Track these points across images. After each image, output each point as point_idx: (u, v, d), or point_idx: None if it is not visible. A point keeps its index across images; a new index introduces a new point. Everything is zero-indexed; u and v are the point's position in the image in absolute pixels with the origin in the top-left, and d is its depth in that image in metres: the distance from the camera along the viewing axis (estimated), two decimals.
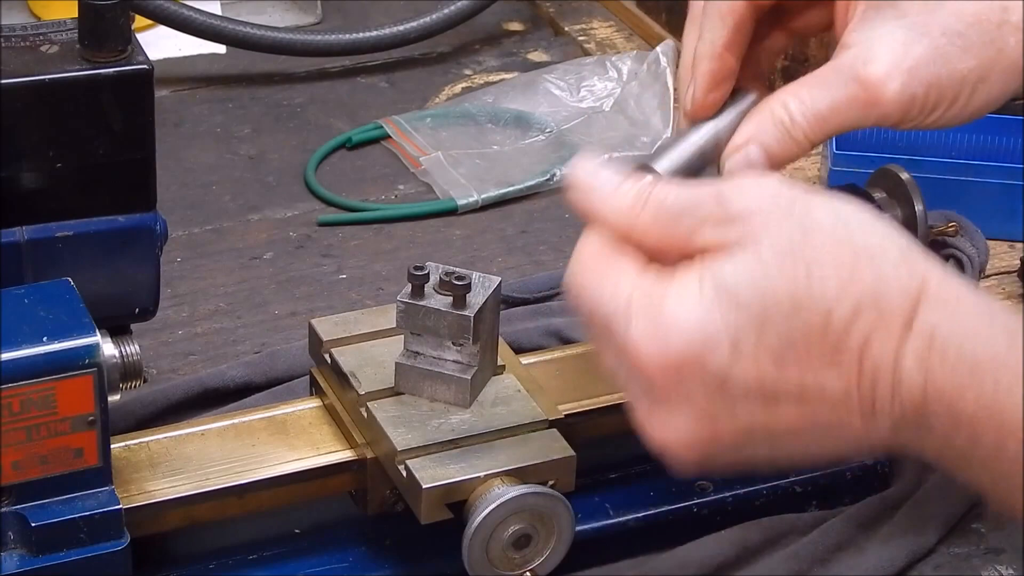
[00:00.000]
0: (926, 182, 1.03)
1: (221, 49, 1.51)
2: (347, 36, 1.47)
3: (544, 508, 0.88)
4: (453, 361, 0.93)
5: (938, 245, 1.17)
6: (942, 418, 0.71)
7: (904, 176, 1.00)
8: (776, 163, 0.85)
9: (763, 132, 0.84)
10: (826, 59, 1.40)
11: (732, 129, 0.86)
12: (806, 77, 0.85)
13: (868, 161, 1.21)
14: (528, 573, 0.89)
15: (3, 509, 0.84)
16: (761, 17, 0.89)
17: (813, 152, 1.39)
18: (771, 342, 0.71)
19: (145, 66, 0.90)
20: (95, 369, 0.83)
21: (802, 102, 0.84)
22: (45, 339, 0.82)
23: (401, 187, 1.34)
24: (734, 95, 0.88)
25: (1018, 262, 1.24)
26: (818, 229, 0.72)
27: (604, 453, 0.99)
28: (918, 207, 0.99)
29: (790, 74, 1.41)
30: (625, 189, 0.75)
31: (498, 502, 0.86)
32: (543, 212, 1.32)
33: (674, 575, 0.94)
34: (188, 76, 1.48)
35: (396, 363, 0.93)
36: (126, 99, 0.90)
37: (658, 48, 1.44)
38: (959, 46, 0.83)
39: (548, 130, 1.40)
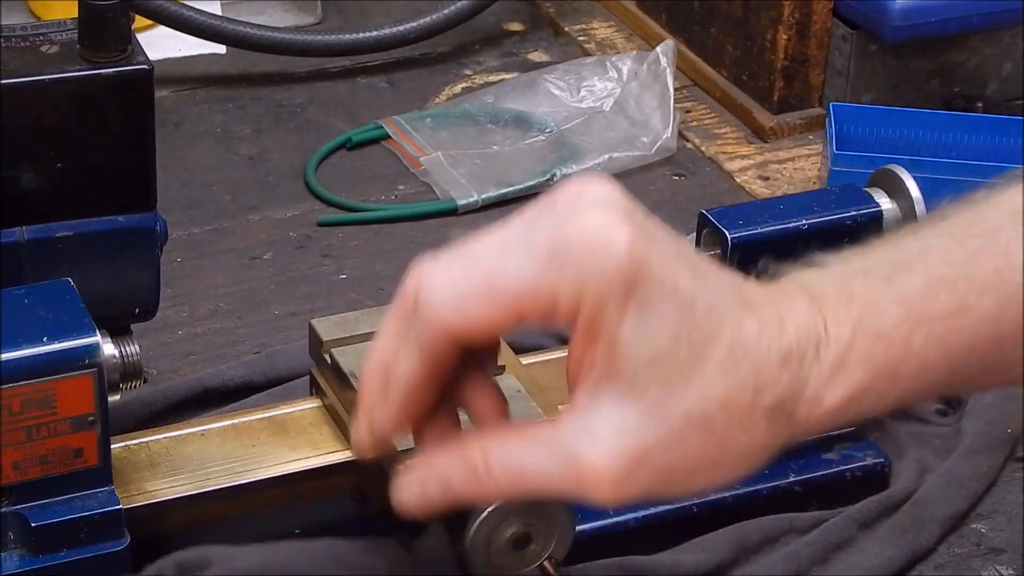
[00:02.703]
0: (926, 182, 1.03)
1: (221, 49, 1.51)
2: (347, 36, 1.47)
3: (544, 508, 0.88)
4: None
5: None
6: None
7: (904, 176, 1.00)
8: (456, 502, 0.78)
9: (452, 470, 0.77)
10: (827, 59, 1.41)
11: None
12: (524, 428, 0.77)
13: (868, 161, 1.21)
14: (545, 563, 0.89)
15: (3, 509, 0.84)
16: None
17: (813, 152, 1.40)
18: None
19: (145, 66, 0.90)
20: (95, 369, 0.83)
21: (505, 455, 0.76)
22: (45, 339, 0.82)
23: (401, 187, 1.34)
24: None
25: None
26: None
27: None
28: (918, 207, 0.99)
29: (790, 74, 1.42)
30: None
31: (498, 503, 0.86)
32: None
33: (671, 574, 0.94)
34: (188, 76, 1.48)
35: None
36: (126, 99, 0.90)
37: (658, 48, 1.44)
38: (703, 431, 0.74)
39: (548, 130, 1.40)
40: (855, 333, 0.75)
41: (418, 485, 0.78)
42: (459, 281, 0.74)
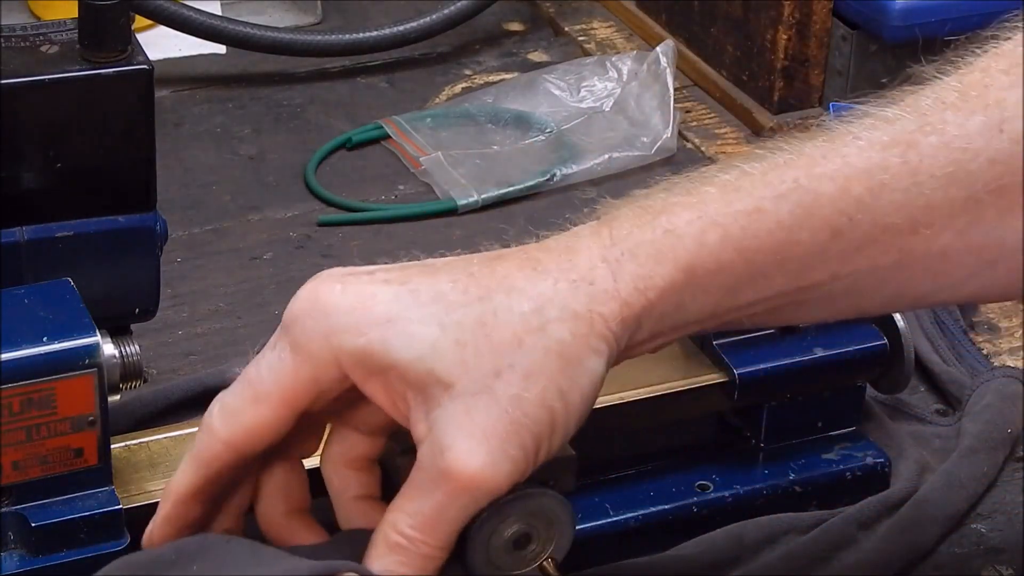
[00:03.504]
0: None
1: (221, 49, 1.51)
2: (347, 36, 1.47)
3: (544, 508, 0.88)
4: None
5: None
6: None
7: None
8: None
9: (387, 562, 0.77)
10: (827, 59, 1.41)
11: None
12: (404, 487, 0.78)
13: None
14: (546, 563, 0.89)
15: (3, 509, 0.84)
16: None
17: None
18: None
19: (145, 66, 0.90)
20: (95, 369, 0.83)
21: (409, 516, 0.77)
22: (45, 339, 0.82)
23: (401, 187, 1.34)
24: None
25: None
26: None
27: (604, 453, 0.99)
28: None
29: (790, 74, 1.42)
30: None
31: (498, 503, 0.86)
32: (543, 212, 1.32)
33: (669, 573, 0.94)
34: (188, 76, 1.48)
35: None
36: (126, 99, 0.90)
37: (658, 48, 1.44)
38: (518, 376, 0.76)
39: (548, 130, 1.40)
40: (643, 231, 0.77)
41: None
42: (228, 394, 0.79)
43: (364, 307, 0.77)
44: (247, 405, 0.78)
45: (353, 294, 0.77)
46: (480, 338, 0.76)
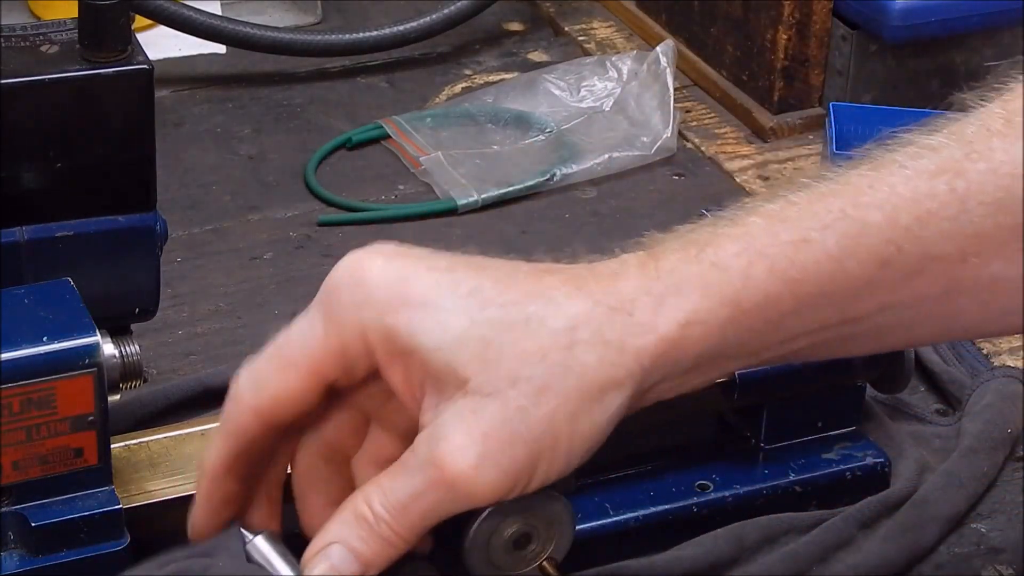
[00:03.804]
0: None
1: (221, 49, 1.51)
2: (347, 36, 1.47)
3: (544, 508, 0.88)
4: None
5: None
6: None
7: None
8: (369, 566, 0.76)
9: (347, 532, 0.76)
10: (827, 59, 1.41)
11: None
12: (393, 465, 0.77)
13: None
14: (545, 563, 0.89)
15: (3, 509, 0.84)
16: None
17: (813, 152, 1.39)
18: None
19: (145, 66, 0.90)
20: (95, 369, 0.83)
21: (384, 493, 0.76)
22: (45, 339, 0.82)
23: (401, 187, 1.34)
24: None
25: None
26: None
27: (604, 453, 0.99)
28: None
29: (790, 74, 1.41)
30: None
31: (497, 503, 0.86)
32: (543, 212, 1.32)
33: (669, 574, 0.94)
34: (188, 76, 1.48)
35: None
36: (126, 99, 0.90)
37: (658, 48, 1.44)
38: (532, 389, 0.74)
39: (548, 130, 1.40)
40: (689, 265, 0.76)
41: (324, 559, 0.76)
42: (256, 361, 0.78)
43: (401, 286, 0.76)
44: (274, 372, 0.77)
45: (393, 271, 0.76)
46: (506, 341, 0.75)
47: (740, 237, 0.76)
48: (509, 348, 0.74)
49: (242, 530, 0.81)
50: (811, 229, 0.76)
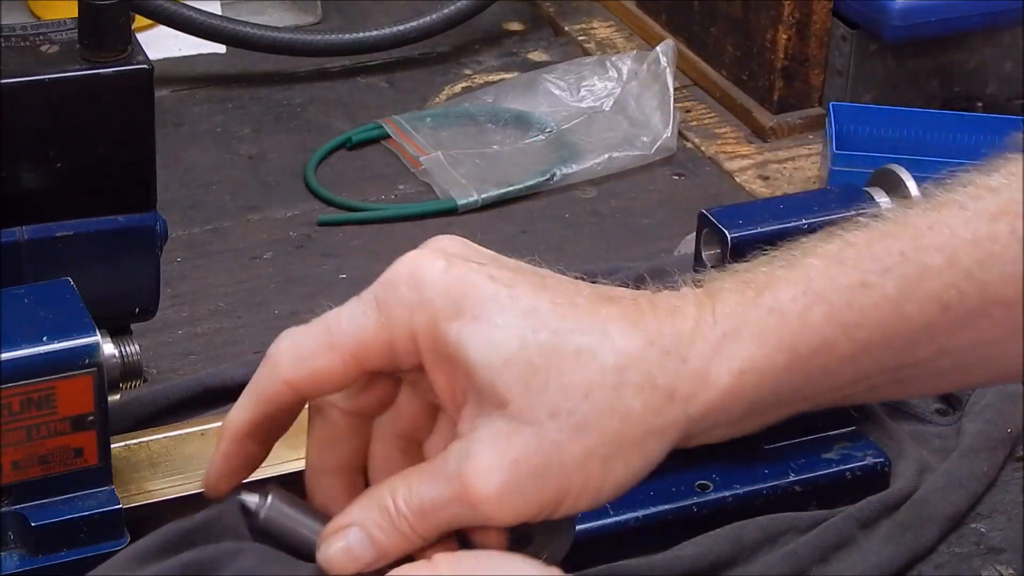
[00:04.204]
0: (926, 182, 1.03)
1: (221, 49, 1.51)
2: (347, 36, 1.47)
3: None
4: None
5: None
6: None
7: (904, 176, 1.00)
8: (384, 555, 0.76)
9: (368, 518, 0.76)
10: (827, 59, 1.41)
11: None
12: (425, 464, 0.77)
13: (868, 161, 1.21)
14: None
15: (3, 509, 0.84)
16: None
17: (813, 152, 1.39)
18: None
19: (145, 66, 0.90)
20: (95, 369, 0.83)
21: (409, 491, 0.75)
22: (45, 339, 0.82)
23: (401, 187, 1.34)
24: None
25: None
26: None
27: None
28: None
29: (790, 74, 1.42)
30: None
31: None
32: (543, 212, 1.32)
33: (669, 574, 0.93)
34: (188, 76, 1.48)
35: None
36: (126, 99, 0.90)
37: (658, 48, 1.44)
38: (571, 425, 0.73)
39: (548, 130, 1.40)
40: (747, 310, 0.74)
41: (342, 539, 0.76)
42: (300, 334, 0.77)
43: (459, 294, 0.75)
44: (321, 350, 0.76)
45: (455, 277, 0.75)
46: (553, 370, 0.73)
47: (797, 281, 0.75)
48: (555, 378, 0.73)
49: (244, 498, 0.80)
50: (870, 272, 0.74)
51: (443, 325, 0.74)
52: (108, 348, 0.86)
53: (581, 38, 1.56)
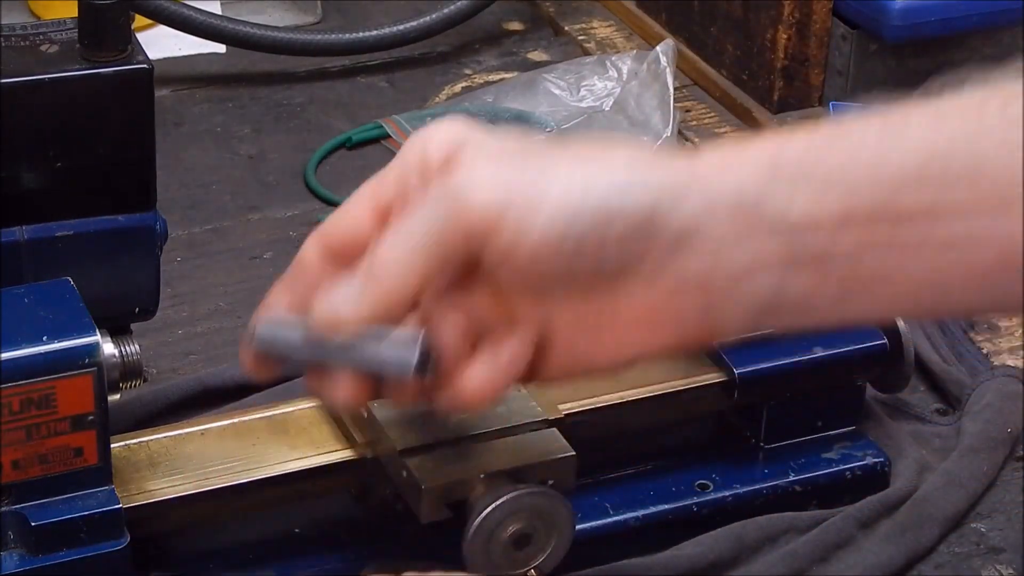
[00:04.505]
0: None
1: (221, 49, 1.51)
2: (347, 36, 1.47)
3: (544, 508, 0.88)
4: None
5: None
6: None
7: None
8: (375, 303, 0.76)
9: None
10: (827, 59, 1.41)
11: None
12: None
13: None
14: (532, 571, 0.89)
15: (3, 508, 0.84)
16: None
17: None
18: None
19: (145, 66, 0.90)
20: (95, 368, 0.83)
21: (396, 238, 0.76)
22: (45, 338, 0.82)
23: None
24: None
25: None
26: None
27: (604, 452, 0.99)
28: None
29: (790, 73, 1.42)
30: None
31: (498, 502, 0.86)
32: None
33: (669, 573, 0.94)
34: (188, 76, 1.48)
35: None
36: (126, 99, 0.90)
37: (658, 48, 1.44)
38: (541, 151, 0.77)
39: (548, 130, 1.40)
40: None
41: (323, 301, 0.78)
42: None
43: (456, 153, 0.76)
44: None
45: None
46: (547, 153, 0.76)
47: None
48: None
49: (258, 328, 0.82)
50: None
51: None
52: (108, 348, 0.86)
53: (581, 38, 1.56)
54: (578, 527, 0.91)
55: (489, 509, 0.86)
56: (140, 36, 0.93)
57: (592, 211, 0.73)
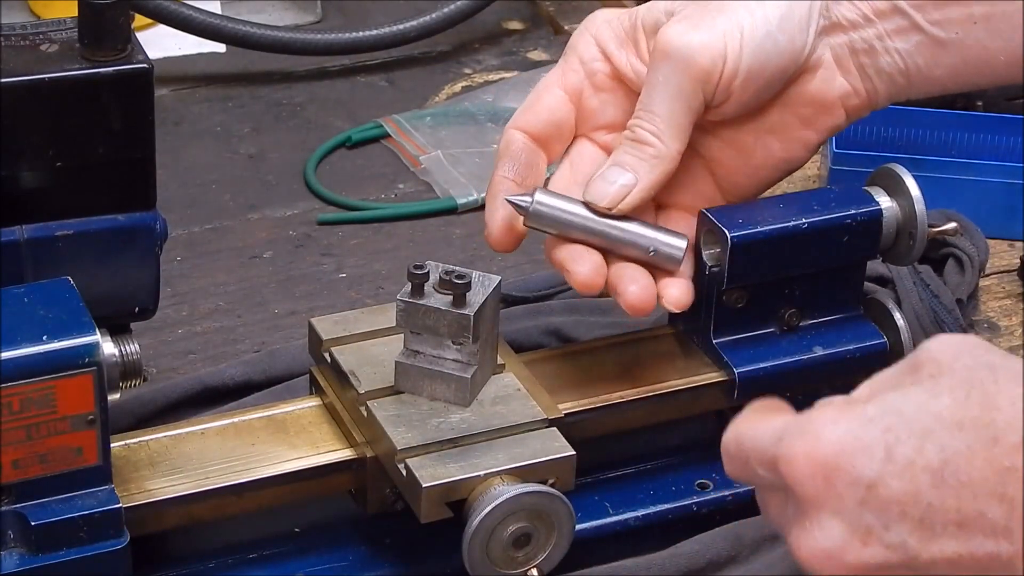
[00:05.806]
0: (926, 181, 1.03)
1: (221, 48, 1.51)
2: (347, 35, 1.47)
3: (544, 507, 0.88)
4: (453, 360, 0.93)
5: (938, 244, 1.17)
6: None
7: (904, 175, 1.00)
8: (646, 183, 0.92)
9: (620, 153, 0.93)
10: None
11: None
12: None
13: (868, 160, 1.21)
14: (533, 571, 0.89)
15: (3, 508, 0.84)
16: None
17: None
18: (930, 457, 0.67)
19: (145, 65, 0.90)
20: (95, 368, 0.83)
21: (644, 110, 0.92)
22: (45, 338, 0.82)
23: (401, 186, 1.34)
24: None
25: (1018, 261, 1.24)
26: (1005, 369, 0.68)
27: (604, 452, 0.99)
28: (918, 206, 0.99)
29: None
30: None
31: (498, 501, 0.86)
32: None
33: (668, 572, 0.94)
34: (188, 75, 1.48)
35: (396, 362, 0.93)
36: (126, 98, 0.90)
37: None
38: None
39: None
40: None
41: (599, 179, 0.93)
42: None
43: None
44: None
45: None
46: None
47: None
48: None
49: (512, 198, 0.94)
50: None
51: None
52: (108, 347, 0.86)
53: None
54: (578, 527, 0.91)
55: (489, 509, 0.86)
56: (140, 36, 0.93)
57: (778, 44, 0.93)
